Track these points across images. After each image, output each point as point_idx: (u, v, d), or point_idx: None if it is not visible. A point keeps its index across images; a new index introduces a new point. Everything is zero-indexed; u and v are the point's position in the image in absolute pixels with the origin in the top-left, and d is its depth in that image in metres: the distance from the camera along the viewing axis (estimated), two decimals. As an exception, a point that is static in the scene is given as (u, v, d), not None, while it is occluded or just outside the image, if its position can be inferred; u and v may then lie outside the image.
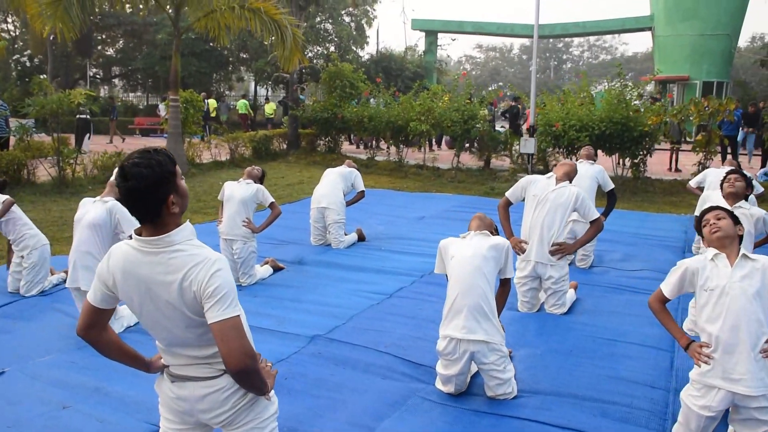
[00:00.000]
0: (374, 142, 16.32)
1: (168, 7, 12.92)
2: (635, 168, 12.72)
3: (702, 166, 12.08)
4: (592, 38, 67.74)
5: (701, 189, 6.99)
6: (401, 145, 15.04)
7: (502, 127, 17.71)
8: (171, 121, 12.73)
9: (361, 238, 7.58)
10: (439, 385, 3.81)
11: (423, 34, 28.34)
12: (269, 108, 26.40)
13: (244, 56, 28.84)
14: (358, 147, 19.15)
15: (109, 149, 13.09)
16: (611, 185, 6.69)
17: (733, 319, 2.86)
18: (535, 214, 4.99)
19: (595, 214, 5.05)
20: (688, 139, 15.20)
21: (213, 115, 21.47)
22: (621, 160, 12.91)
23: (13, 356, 4.29)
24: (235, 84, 36.64)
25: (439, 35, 28.53)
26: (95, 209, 4.71)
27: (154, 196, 2.03)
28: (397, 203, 10.46)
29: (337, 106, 15.76)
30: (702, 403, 2.94)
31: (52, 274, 5.86)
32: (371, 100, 15.42)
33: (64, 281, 5.44)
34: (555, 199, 4.96)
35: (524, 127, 16.23)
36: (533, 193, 5.02)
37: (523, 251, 5.03)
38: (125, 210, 4.47)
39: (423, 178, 13.68)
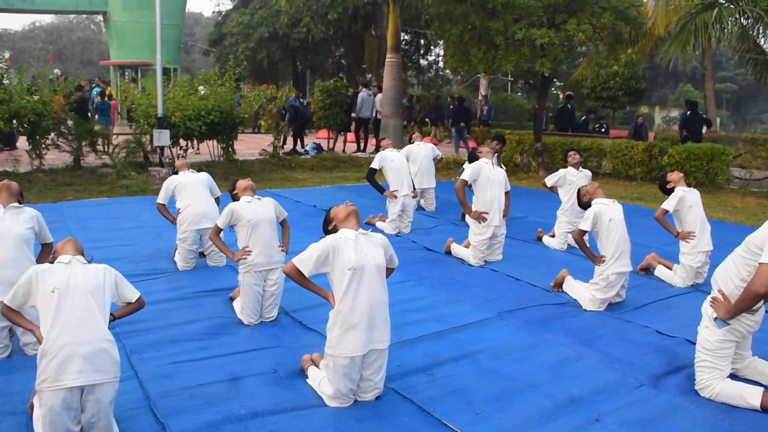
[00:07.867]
0: None
1: None
2: (227, 152, 13.99)
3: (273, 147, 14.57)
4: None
5: None
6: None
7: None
8: None
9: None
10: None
11: None
12: None
13: None
14: None
15: None
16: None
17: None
18: (492, 190, 6.49)
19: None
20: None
21: None
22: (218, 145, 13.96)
23: None
24: None
25: None
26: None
27: None
28: (118, 214, 8.91)
29: None
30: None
31: None
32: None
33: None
34: (497, 177, 6.60)
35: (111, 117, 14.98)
36: (486, 175, 6.50)
37: (485, 220, 6.46)
38: None
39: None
